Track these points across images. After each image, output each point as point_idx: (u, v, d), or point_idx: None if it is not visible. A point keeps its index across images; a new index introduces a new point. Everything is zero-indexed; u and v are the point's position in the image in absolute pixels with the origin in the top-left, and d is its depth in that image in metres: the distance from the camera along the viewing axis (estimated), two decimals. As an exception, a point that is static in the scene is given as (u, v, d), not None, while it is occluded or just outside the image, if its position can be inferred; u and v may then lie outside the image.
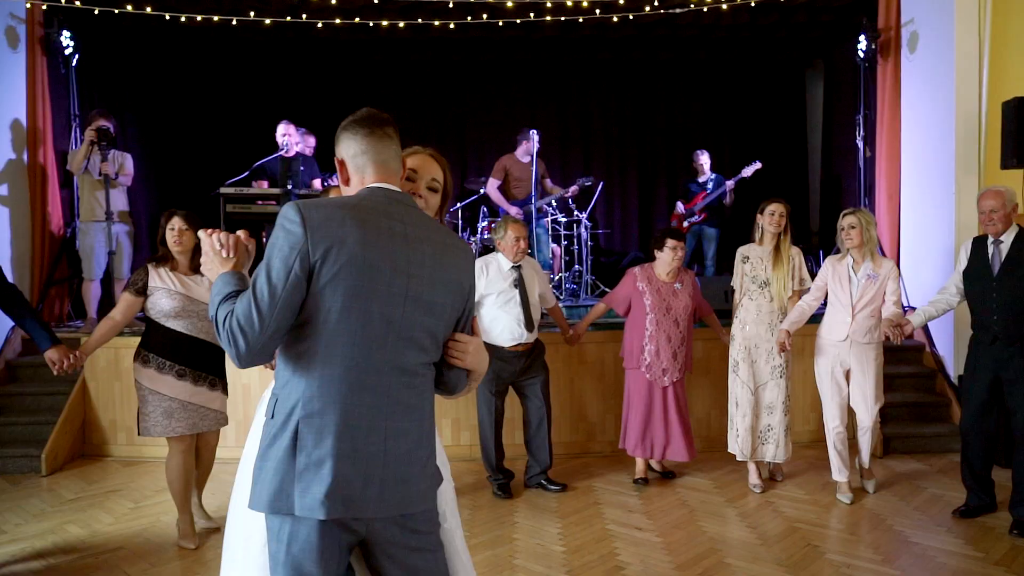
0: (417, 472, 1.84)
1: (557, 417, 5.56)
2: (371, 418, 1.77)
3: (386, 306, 1.77)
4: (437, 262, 1.86)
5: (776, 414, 4.72)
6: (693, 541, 4.01)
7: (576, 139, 9.20)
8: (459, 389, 1.99)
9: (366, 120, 1.91)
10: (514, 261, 4.68)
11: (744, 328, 4.76)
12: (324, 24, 6.74)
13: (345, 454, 1.73)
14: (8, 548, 4.03)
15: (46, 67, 6.41)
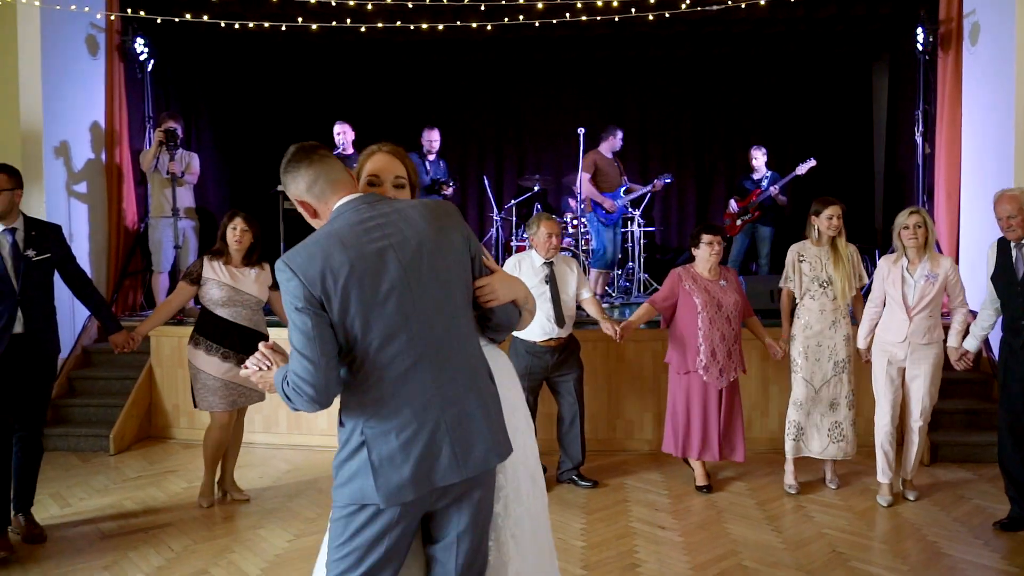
0: (484, 430, 1.97)
1: (594, 414, 5.63)
2: (422, 400, 1.91)
3: (396, 296, 1.89)
4: (421, 236, 1.94)
5: (841, 410, 4.66)
6: (714, 542, 4.01)
7: (632, 137, 9.13)
8: (515, 321, 2.14)
9: (300, 153, 2.04)
10: (546, 258, 4.75)
11: (807, 329, 4.67)
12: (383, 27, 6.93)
13: (407, 444, 1.89)
14: (70, 520, 4.37)
15: (123, 72, 6.83)
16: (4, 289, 3.78)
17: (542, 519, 2.28)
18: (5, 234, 3.83)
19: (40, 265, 3.92)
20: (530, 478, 2.20)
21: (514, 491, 2.15)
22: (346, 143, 7.12)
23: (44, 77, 6.04)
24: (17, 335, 3.80)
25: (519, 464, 2.16)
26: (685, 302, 4.74)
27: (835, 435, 4.67)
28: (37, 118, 6.03)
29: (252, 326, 4.41)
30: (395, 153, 2.24)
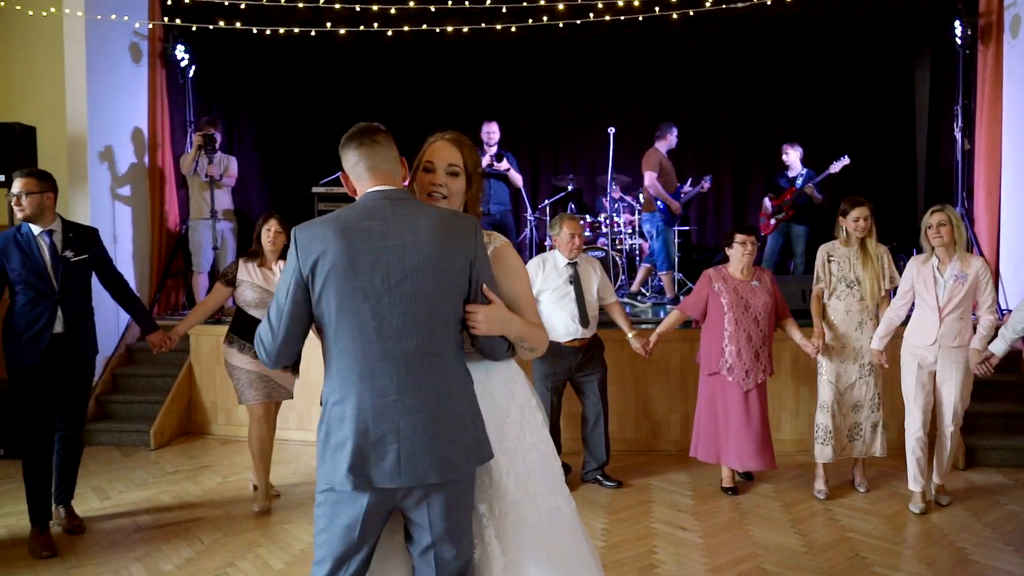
0: (437, 445, 1.98)
1: (621, 414, 5.63)
2: (380, 402, 1.97)
3: (374, 303, 1.96)
4: (421, 248, 1.98)
5: (863, 411, 4.59)
6: (735, 545, 3.99)
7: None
8: (499, 354, 2.15)
9: (356, 133, 2.12)
10: (569, 258, 4.77)
11: (832, 328, 4.62)
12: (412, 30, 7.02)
13: (358, 437, 1.96)
14: (108, 512, 4.54)
15: (165, 79, 7.05)
16: (43, 289, 3.91)
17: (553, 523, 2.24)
18: (43, 236, 3.96)
19: (78, 266, 4.05)
20: (522, 482, 2.20)
21: (499, 494, 2.17)
22: (379, 145, 7.21)
23: (89, 85, 6.26)
24: (57, 335, 3.94)
25: (507, 468, 2.18)
26: (714, 303, 4.70)
27: (854, 434, 4.60)
28: (82, 124, 6.25)
29: None
30: (455, 141, 2.27)
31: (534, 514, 2.19)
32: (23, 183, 3.90)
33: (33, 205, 3.91)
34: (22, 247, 3.90)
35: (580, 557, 2.29)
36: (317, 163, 8.03)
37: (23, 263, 3.88)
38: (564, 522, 2.26)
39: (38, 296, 3.91)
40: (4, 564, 3.82)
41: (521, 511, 2.18)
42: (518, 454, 2.22)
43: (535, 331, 2.21)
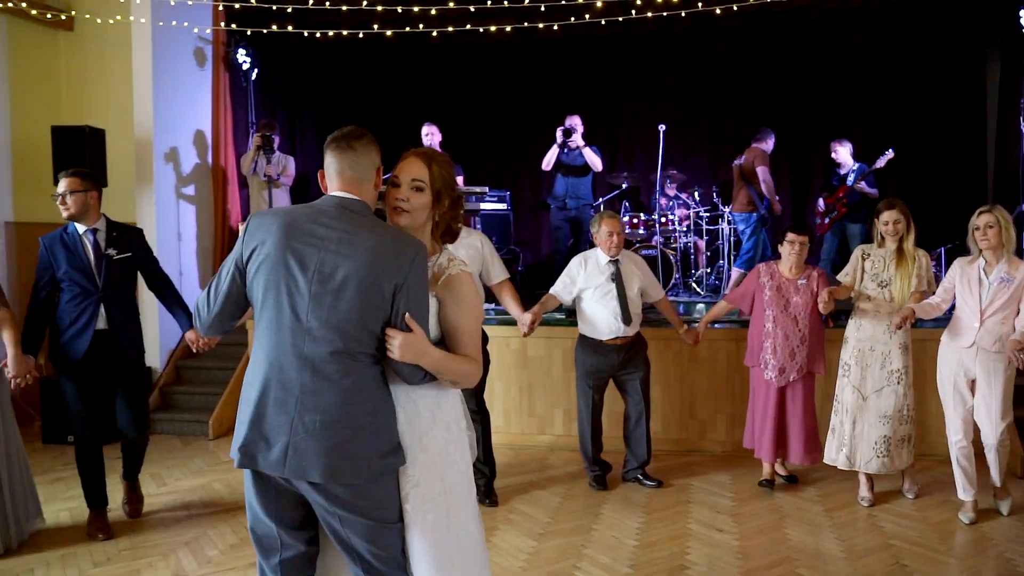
0: (321, 449, 2.02)
1: (666, 414, 5.60)
2: (283, 394, 2.06)
3: (294, 300, 2.04)
4: (352, 265, 2.02)
5: (890, 424, 4.42)
6: (771, 548, 3.93)
7: (726, 132, 8.98)
8: (412, 380, 2.12)
9: (337, 135, 2.21)
10: (610, 256, 4.77)
11: (859, 329, 4.52)
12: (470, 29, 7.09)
13: (255, 420, 2.07)
14: (164, 499, 4.75)
15: (228, 82, 7.31)
16: (87, 286, 4.04)
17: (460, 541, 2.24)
18: (87, 234, 4.09)
19: (121, 264, 4.15)
20: (431, 496, 2.19)
21: (421, 497, 2.18)
22: (433, 144, 7.32)
23: (155, 89, 6.54)
24: (101, 331, 4.06)
25: (415, 479, 2.18)
26: (758, 297, 4.73)
27: (880, 449, 4.43)
28: (149, 127, 6.54)
29: None
30: (424, 156, 2.30)
31: (439, 528, 2.19)
32: (68, 182, 4.03)
33: (77, 204, 4.03)
34: (68, 245, 4.05)
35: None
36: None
37: (69, 261, 4.03)
38: (472, 544, 2.27)
39: (82, 293, 4.04)
40: (64, 544, 4.05)
41: (422, 523, 2.17)
42: (435, 468, 2.21)
43: (458, 366, 2.17)
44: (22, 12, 6.35)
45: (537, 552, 3.92)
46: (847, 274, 4.60)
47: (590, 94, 9.20)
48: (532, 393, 5.79)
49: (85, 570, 3.75)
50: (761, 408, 4.69)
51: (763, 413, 4.66)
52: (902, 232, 4.44)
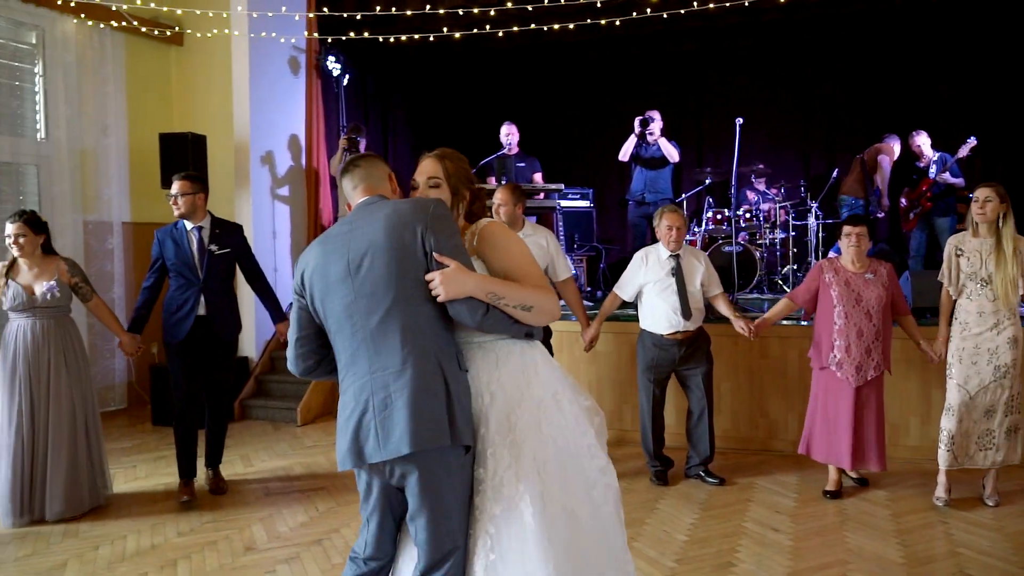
0: (402, 417, 2.08)
1: (736, 411, 5.52)
2: (360, 381, 2.19)
3: (341, 287, 2.19)
4: (372, 239, 2.16)
5: (996, 416, 4.24)
6: (826, 550, 3.84)
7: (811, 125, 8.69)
8: (474, 320, 2.14)
9: (342, 168, 2.41)
10: (671, 250, 4.75)
11: (964, 330, 4.29)
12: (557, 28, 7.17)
13: (350, 416, 2.19)
14: (248, 477, 5.11)
15: (320, 88, 7.70)
16: (191, 277, 4.50)
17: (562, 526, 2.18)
18: (193, 231, 4.54)
19: (221, 258, 4.59)
20: (526, 477, 2.16)
21: (495, 487, 2.18)
22: (512, 144, 7.47)
23: (252, 97, 6.99)
24: (201, 317, 4.50)
25: (508, 461, 2.19)
26: (824, 294, 4.55)
27: (984, 442, 4.23)
28: (246, 132, 6.99)
29: None
30: (437, 156, 2.42)
31: (537, 513, 2.14)
32: (179, 185, 4.48)
33: (187, 204, 4.49)
34: (176, 240, 4.52)
35: (599, 566, 2.24)
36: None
37: (176, 254, 4.50)
38: (580, 527, 2.20)
39: (187, 283, 4.50)
40: (156, 513, 4.44)
41: (519, 508, 2.14)
42: (525, 447, 2.19)
43: (519, 289, 2.17)
44: (137, 30, 6.92)
45: (586, 543, 3.98)
46: (944, 276, 4.38)
47: (673, 89, 9.11)
48: (601, 388, 5.83)
49: (169, 538, 4.10)
50: (833, 411, 4.49)
51: (835, 416, 4.47)
52: (995, 215, 4.19)
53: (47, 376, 4.14)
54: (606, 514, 2.30)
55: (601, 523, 2.27)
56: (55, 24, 6.49)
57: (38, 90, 6.55)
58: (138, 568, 3.74)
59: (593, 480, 2.30)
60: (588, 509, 2.26)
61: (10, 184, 6.34)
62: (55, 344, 4.19)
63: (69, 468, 4.23)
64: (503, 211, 4.67)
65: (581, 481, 2.27)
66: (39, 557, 3.85)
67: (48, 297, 4.16)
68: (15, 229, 4.20)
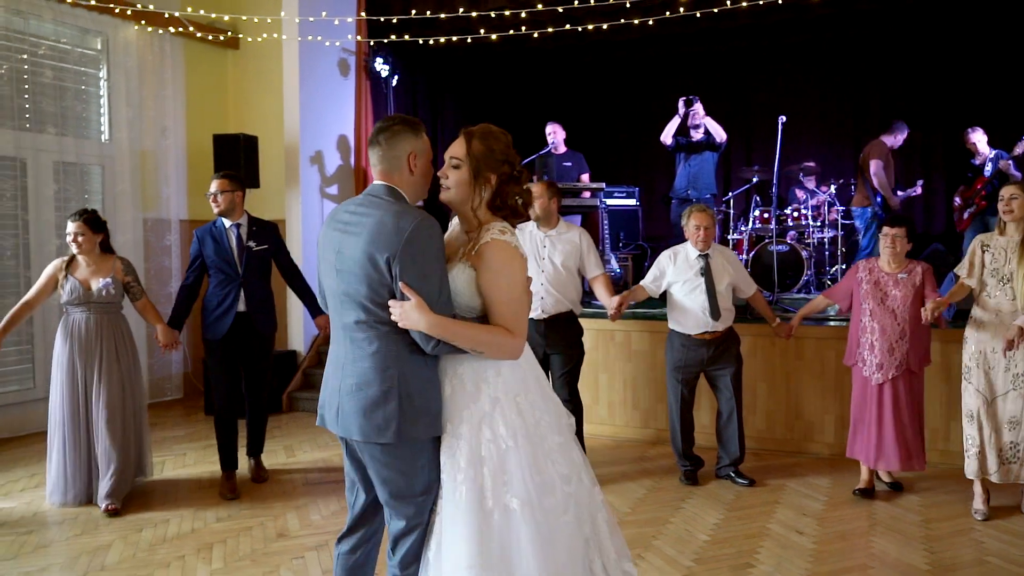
0: (356, 408, 2.24)
1: (771, 413, 5.47)
2: (335, 361, 2.37)
3: (328, 277, 2.35)
4: (357, 240, 2.22)
5: (1020, 429, 4.11)
6: (848, 554, 3.80)
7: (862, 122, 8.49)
8: (426, 347, 2.20)
9: (372, 132, 2.42)
10: (699, 250, 4.75)
11: (979, 330, 4.22)
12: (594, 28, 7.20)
13: (324, 385, 2.41)
14: (289, 467, 5.31)
15: (369, 89, 7.89)
16: (230, 273, 4.66)
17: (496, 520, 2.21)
18: (232, 228, 4.71)
19: (259, 255, 4.75)
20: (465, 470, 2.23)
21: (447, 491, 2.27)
22: (557, 142, 7.52)
23: (301, 98, 7.22)
24: (241, 312, 4.68)
25: (451, 451, 2.27)
26: (855, 293, 4.57)
27: (1008, 455, 4.10)
28: (296, 133, 7.22)
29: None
30: (466, 133, 2.40)
31: (472, 506, 2.20)
32: (218, 183, 4.65)
33: (225, 202, 4.65)
34: (215, 237, 4.68)
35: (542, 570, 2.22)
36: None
37: (215, 250, 4.66)
38: (517, 524, 2.22)
39: (226, 279, 4.67)
40: (201, 500, 4.66)
41: (456, 498, 2.23)
42: (471, 443, 2.25)
43: (474, 333, 2.21)
44: (194, 35, 7.21)
45: (606, 539, 4.02)
46: (963, 267, 4.31)
47: (720, 87, 9.03)
48: (636, 386, 5.84)
49: (209, 523, 4.30)
50: (859, 409, 4.50)
51: (860, 414, 4.48)
52: (1022, 212, 4.08)
53: (99, 367, 4.37)
54: (563, 523, 2.29)
55: (552, 529, 2.26)
56: (118, 31, 6.82)
57: (102, 94, 6.90)
58: (177, 551, 3.94)
59: (551, 485, 2.30)
60: (536, 513, 2.24)
61: (76, 183, 6.69)
62: (107, 337, 4.42)
63: (118, 455, 4.44)
64: (538, 205, 4.73)
65: (534, 484, 2.26)
66: (87, 537, 4.09)
67: (103, 293, 4.39)
68: (76, 228, 4.44)
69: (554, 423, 2.37)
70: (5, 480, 5.02)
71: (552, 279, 4.70)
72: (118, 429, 4.43)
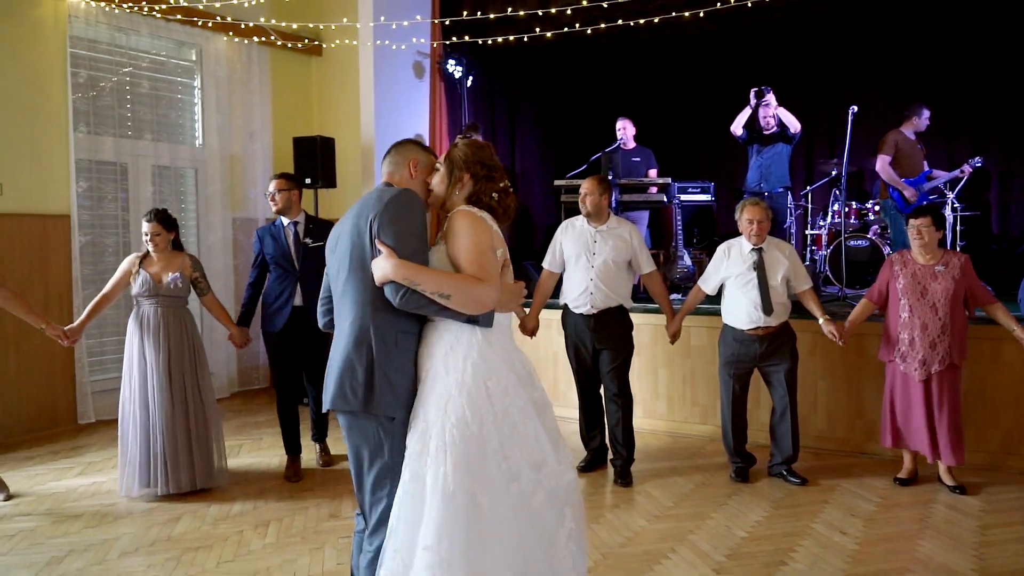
0: (333, 380, 2.46)
1: (833, 412, 5.34)
2: (335, 340, 2.56)
3: (331, 256, 2.58)
4: (348, 218, 2.52)
5: None
6: (890, 556, 3.69)
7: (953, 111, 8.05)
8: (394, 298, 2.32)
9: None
10: (753, 244, 4.68)
11: None
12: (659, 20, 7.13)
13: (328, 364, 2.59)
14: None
15: (443, 90, 8.11)
16: (288, 268, 4.92)
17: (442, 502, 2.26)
18: (289, 226, 4.96)
19: (315, 251, 4.92)
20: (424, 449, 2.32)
21: (408, 457, 2.36)
22: (627, 138, 7.52)
23: (376, 101, 7.51)
24: (297, 307, 4.91)
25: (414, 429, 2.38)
26: (892, 288, 4.50)
27: None
28: (371, 134, 7.51)
29: None
30: (453, 145, 2.66)
31: (435, 489, 2.27)
32: (275, 183, 4.92)
33: (283, 200, 4.90)
34: (274, 235, 4.95)
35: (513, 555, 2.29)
36: (569, 156, 8.60)
37: (275, 248, 4.93)
38: (484, 512, 2.27)
39: (284, 274, 4.93)
40: (268, 481, 4.97)
41: (418, 479, 2.31)
42: (434, 423, 2.34)
43: (439, 277, 2.30)
44: (280, 44, 7.61)
45: (642, 532, 4.05)
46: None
47: (800, 78, 8.74)
48: (695, 382, 5.80)
49: (270, 502, 4.59)
50: (904, 404, 4.46)
51: (907, 409, 4.43)
52: None
53: (167, 357, 4.67)
54: (534, 505, 2.36)
55: (516, 512, 2.32)
56: (210, 42, 7.29)
57: (196, 102, 7.39)
58: (237, 526, 4.23)
59: (516, 471, 2.35)
60: (503, 497, 2.31)
61: (170, 185, 7.21)
62: (174, 329, 4.72)
63: (195, 442, 4.69)
64: (588, 200, 4.80)
65: (499, 471, 2.33)
66: (161, 512, 4.44)
67: (172, 286, 4.74)
68: (151, 227, 4.79)
69: (527, 408, 2.44)
70: (103, 456, 5.49)
71: (601, 274, 4.75)
72: (180, 417, 4.63)
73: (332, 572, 3.64)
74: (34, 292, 5.89)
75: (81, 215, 6.40)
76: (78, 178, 6.35)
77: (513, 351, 2.53)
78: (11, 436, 5.81)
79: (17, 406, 5.91)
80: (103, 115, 6.62)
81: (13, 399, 5.89)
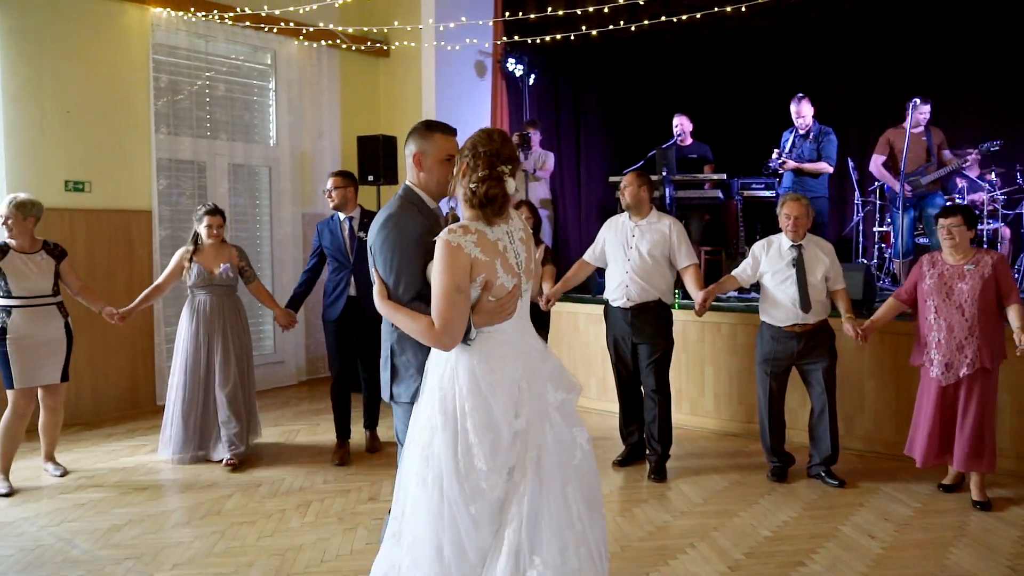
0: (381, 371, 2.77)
1: (879, 412, 5.21)
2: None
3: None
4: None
5: None
6: (916, 563, 3.61)
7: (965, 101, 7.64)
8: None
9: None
10: (792, 240, 4.62)
11: None
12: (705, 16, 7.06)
13: None
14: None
15: (505, 89, 8.24)
16: (343, 261, 5.18)
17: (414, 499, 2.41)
18: (345, 220, 5.21)
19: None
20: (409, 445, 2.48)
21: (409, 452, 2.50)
22: (684, 134, 7.47)
23: (438, 99, 7.72)
24: (351, 297, 5.18)
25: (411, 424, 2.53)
26: (920, 289, 4.37)
27: None
28: (433, 134, 7.70)
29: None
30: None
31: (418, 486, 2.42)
32: (332, 181, 5.20)
33: (339, 196, 5.16)
34: (331, 229, 5.23)
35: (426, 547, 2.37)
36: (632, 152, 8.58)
37: (331, 241, 5.20)
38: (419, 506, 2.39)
39: (340, 266, 5.20)
40: (317, 463, 5.22)
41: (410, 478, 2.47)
42: (425, 431, 2.44)
43: (401, 317, 2.51)
44: (349, 47, 7.92)
45: (665, 527, 4.08)
46: None
47: (867, 73, 8.42)
48: (741, 380, 5.75)
49: (315, 484, 4.84)
50: (932, 411, 4.29)
51: (934, 416, 4.27)
52: None
53: (220, 340, 5.04)
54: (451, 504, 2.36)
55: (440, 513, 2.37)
56: (283, 46, 7.65)
57: (271, 103, 7.78)
58: (281, 504, 4.49)
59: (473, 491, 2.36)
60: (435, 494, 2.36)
61: (244, 183, 7.62)
62: (226, 315, 5.09)
63: (236, 418, 5.08)
64: (627, 192, 4.85)
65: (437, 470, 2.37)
66: (215, 489, 4.74)
67: (223, 276, 5.07)
68: (215, 220, 5.15)
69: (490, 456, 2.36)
70: (171, 437, 5.88)
71: (638, 268, 4.78)
72: (237, 396, 5.08)
73: (360, 551, 3.83)
74: (118, 280, 6.38)
75: (161, 210, 6.84)
76: (159, 176, 6.79)
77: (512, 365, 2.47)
78: (99, 416, 6.32)
79: (105, 388, 6.42)
80: (182, 116, 7.05)
81: (101, 382, 6.39)
